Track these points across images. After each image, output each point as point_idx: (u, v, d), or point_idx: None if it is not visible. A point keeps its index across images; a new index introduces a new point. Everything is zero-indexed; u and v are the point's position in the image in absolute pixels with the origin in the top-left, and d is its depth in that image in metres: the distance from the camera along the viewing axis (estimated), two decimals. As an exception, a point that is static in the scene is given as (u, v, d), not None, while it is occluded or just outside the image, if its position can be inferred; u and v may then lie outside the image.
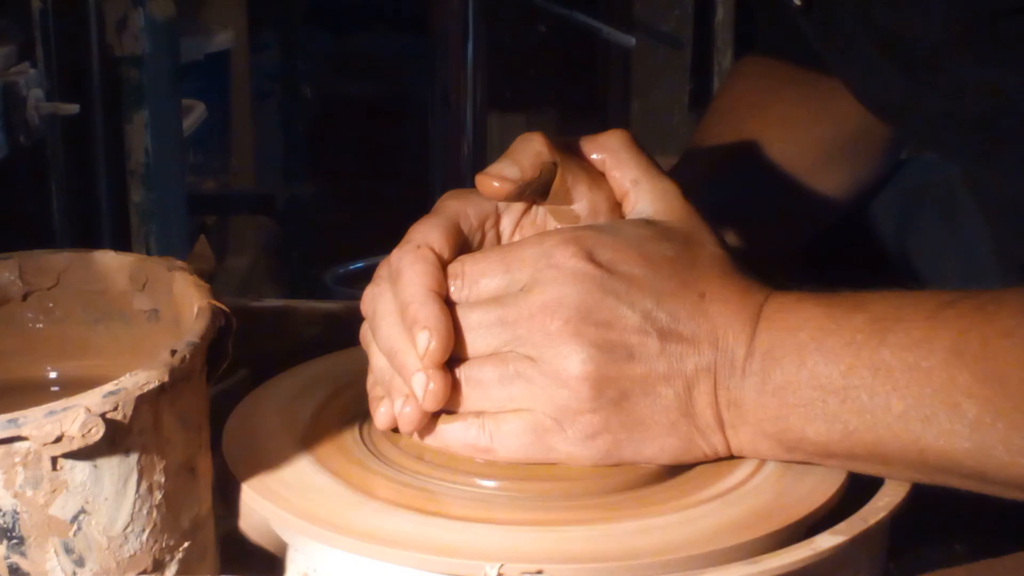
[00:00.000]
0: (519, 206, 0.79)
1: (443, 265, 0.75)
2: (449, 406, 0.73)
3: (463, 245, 0.77)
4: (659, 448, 0.73)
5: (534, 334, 0.71)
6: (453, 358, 0.73)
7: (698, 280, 0.73)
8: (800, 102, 1.07)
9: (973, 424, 0.67)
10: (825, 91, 1.06)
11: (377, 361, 0.76)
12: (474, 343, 0.72)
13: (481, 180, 0.76)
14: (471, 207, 0.77)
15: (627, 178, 0.77)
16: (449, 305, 0.73)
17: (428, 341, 0.71)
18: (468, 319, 0.73)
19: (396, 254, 0.75)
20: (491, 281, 0.73)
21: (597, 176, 0.78)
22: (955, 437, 0.68)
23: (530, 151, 0.76)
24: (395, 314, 0.74)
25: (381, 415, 0.75)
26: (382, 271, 0.76)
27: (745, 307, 0.72)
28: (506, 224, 0.79)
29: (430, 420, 0.74)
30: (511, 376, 0.72)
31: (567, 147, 0.78)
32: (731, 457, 0.74)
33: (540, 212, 0.79)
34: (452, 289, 0.74)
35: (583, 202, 0.78)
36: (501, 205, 0.78)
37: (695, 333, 0.72)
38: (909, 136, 1.08)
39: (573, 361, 0.70)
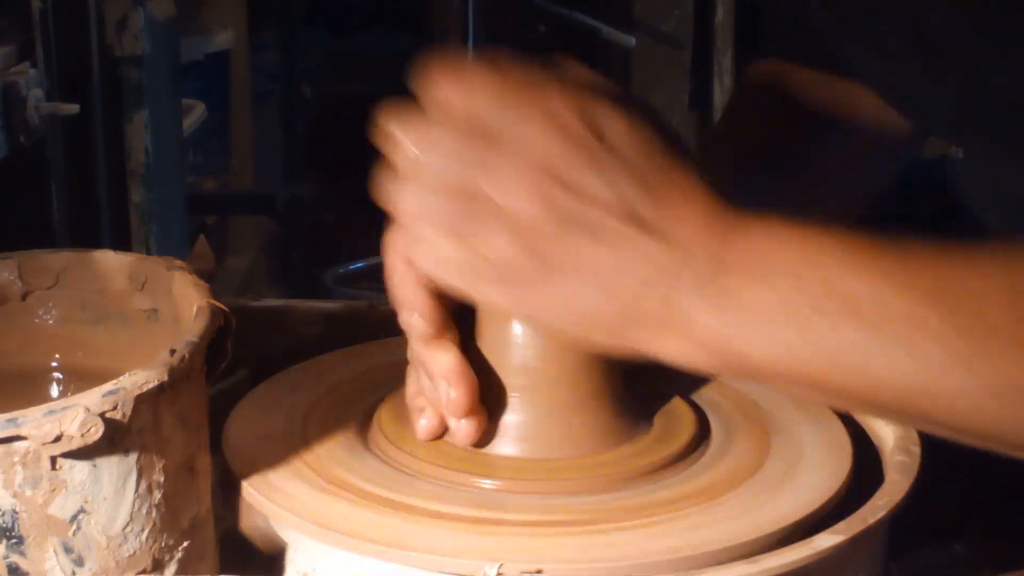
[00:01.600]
0: None
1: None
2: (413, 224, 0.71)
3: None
4: (578, 320, 0.70)
5: (500, 168, 0.68)
6: (425, 176, 0.71)
7: (682, 179, 0.70)
8: (816, 105, 1.07)
9: (937, 368, 0.66)
10: (838, 94, 1.06)
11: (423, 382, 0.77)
12: (434, 160, 0.70)
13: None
14: None
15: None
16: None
17: (408, 317, 0.73)
18: (441, 137, 0.70)
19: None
20: (475, 104, 0.70)
21: None
22: (911, 377, 0.66)
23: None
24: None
25: (423, 427, 0.77)
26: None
27: (720, 219, 0.69)
28: None
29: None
30: (468, 198, 0.69)
31: None
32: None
33: None
34: (427, 93, 0.71)
35: None
36: None
37: (670, 232, 0.68)
38: (931, 129, 1.08)
39: (530, 213, 0.68)
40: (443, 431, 0.76)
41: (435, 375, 0.75)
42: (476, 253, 0.69)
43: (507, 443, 0.75)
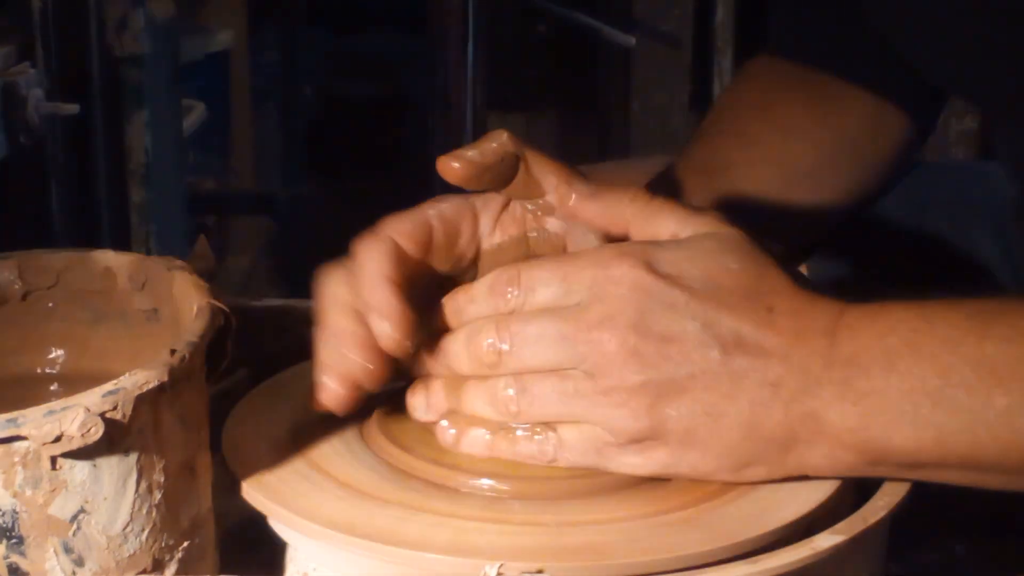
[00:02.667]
0: (496, 204, 0.78)
1: (404, 256, 0.74)
2: (512, 419, 0.72)
3: (429, 241, 0.76)
4: (717, 466, 0.70)
5: (592, 352, 0.69)
6: (512, 368, 0.72)
7: (765, 293, 0.70)
8: (804, 104, 1.07)
9: None
10: (832, 95, 1.06)
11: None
12: (533, 356, 0.71)
13: (442, 162, 0.75)
14: (447, 207, 0.77)
15: (665, 234, 0.74)
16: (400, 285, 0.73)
17: (384, 327, 0.71)
18: (526, 331, 0.71)
19: (357, 242, 0.75)
20: (547, 291, 0.71)
21: (569, 172, 0.77)
22: None
23: (493, 140, 0.76)
24: (345, 301, 0.74)
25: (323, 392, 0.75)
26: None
27: (817, 318, 0.69)
28: (485, 221, 0.78)
29: (496, 432, 0.73)
30: (571, 394, 0.70)
31: (588, 197, 0.76)
32: (804, 478, 0.71)
33: (518, 207, 0.78)
34: (508, 297, 0.72)
35: (553, 194, 0.77)
36: (478, 204, 0.78)
37: (762, 346, 0.69)
38: (978, 101, 1.06)
39: (629, 381, 0.69)
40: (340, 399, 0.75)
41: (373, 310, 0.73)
42: (600, 428, 0.70)
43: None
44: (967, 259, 1.10)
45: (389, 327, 0.71)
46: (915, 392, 0.67)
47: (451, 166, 0.75)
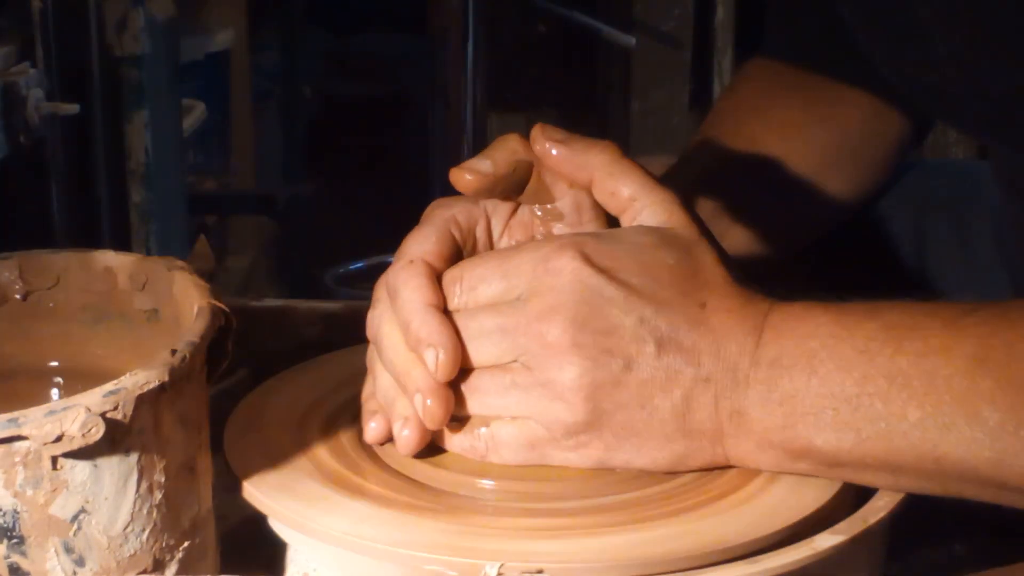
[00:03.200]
0: (506, 208, 0.79)
1: (439, 276, 0.75)
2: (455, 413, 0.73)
3: (456, 253, 0.77)
4: (651, 459, 0.72)
5: (532, 344, 0.71)
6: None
7: (699, 289, 0.72)
8: (803, 106, 1.07)
9: (995, 432, 0.66)
10: (829, 96, 1.06)
11: (382, 380, 0.76)
12: (475, 352, 0.72)
13: (455, 173, 0.76)
14: (460, 213, 0.78)
15: (623, 195, 0.75)
16: (448, 312, 0.73)
17: (436, 356, 0.72)
18: (468, 327, 0.73)
19: (392, 272, 0.75)
20: (489, 287, 0.73)
21: (548, 125, 0.78)
22: (975, 445, 0.67)
23: (505, 149, 0.77)
24: (398, 334, 0.74)
25: (372, 430, 0.76)
26: (380, 292, 0.76)
27: (747, 317, 0.71)
28: (495, 225, 0.79)
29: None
30: (507, 386, 0.72)
31: (558, 143, 0.77)
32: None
33: (527, 212, 0.79)
34: (451, 296, 0.74)
35: (565, 199, 0.78)
36: (488, 208, 0.79)
37: (695, 343, 0.71)
38: (963, 128, 1.07)
39: (568, 373, 0.70)
40: (390, 437, 0.76)
41: (413, 388, 0.74)
42: (534, 423, 0.72)
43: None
44: (966, 259, 1.10)
45: (444, 356, 0.72)
46: (835, 397, 0.69)
47: (464, 178, 0.76)
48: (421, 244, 0.75)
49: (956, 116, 1.02)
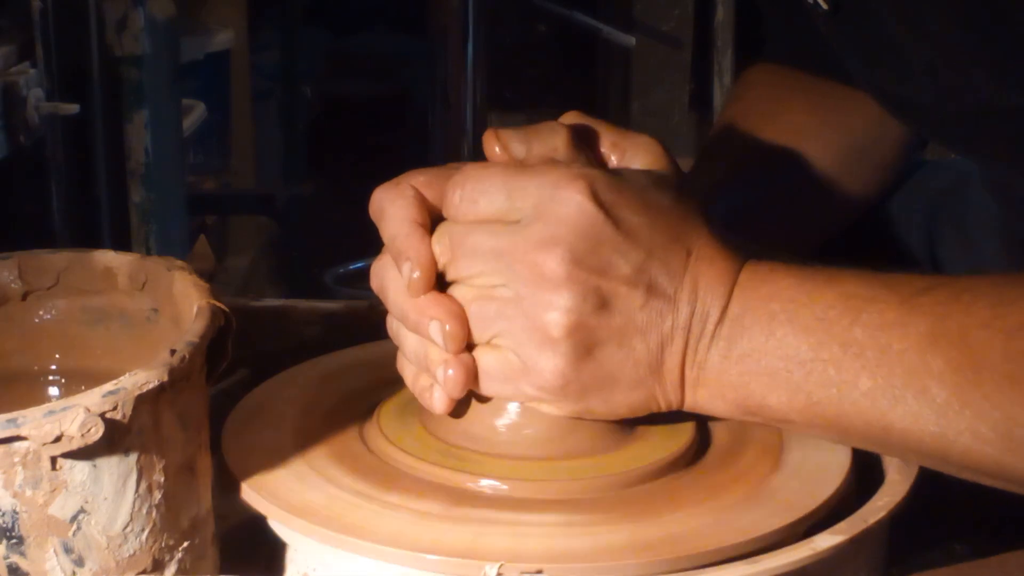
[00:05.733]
0: None
1: (427, 203, 0.74)
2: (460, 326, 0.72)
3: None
4: (623, 401, 0.73)
5: (526, 271, 0.70)
6: (453, 276, 0.72)
7: (688, 235, 0.72)
8: (811, 110, 1.07)
9: (941, 409, 0.68)
10: (837, 99, 1.06)
11: (409, 342, 0.75)
12: (465, 268, 0.72)
13: (488, 136, 0.76)
14: (467, 165, 0.77)
15: (605, 144, 0.77)
16: (444, 217, 0.73)
17: (411, 271, 0.72)
18: (463, 243, 0.72)
19: (378, 192, 0.75)
20: (491, 203, 0.72)
21: (499, 129, 0.78)
22: (921, 420, 0.68)
23: (548, 145, 0.76)
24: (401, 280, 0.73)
25: (438, 400, 0.74)
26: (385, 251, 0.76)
27: (726, 270, 0.72)
28: None
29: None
30: (493, 315, 0.71)
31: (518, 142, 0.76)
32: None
33: None
34: (450, 201, 0.73)
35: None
36: None
37: (678, 291, 0.72)
38: (939, 140, 1.08)
39: (556, 309, 0.70)
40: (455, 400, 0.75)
41: (424, 320, 0.73)
42: (513, 354, 0.72)
43: (507, 444, 0.75)
44: (971, 257, 1.10)
45: (419, 273, 0.72)
46: (789, 359, 0.71)
47: (493, 147, 0.76)
48: (414, 173, 0.75)
49: (932, 129, 1.03)
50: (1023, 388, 0.67)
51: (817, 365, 0.70)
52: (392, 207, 0.73)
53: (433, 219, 0.74)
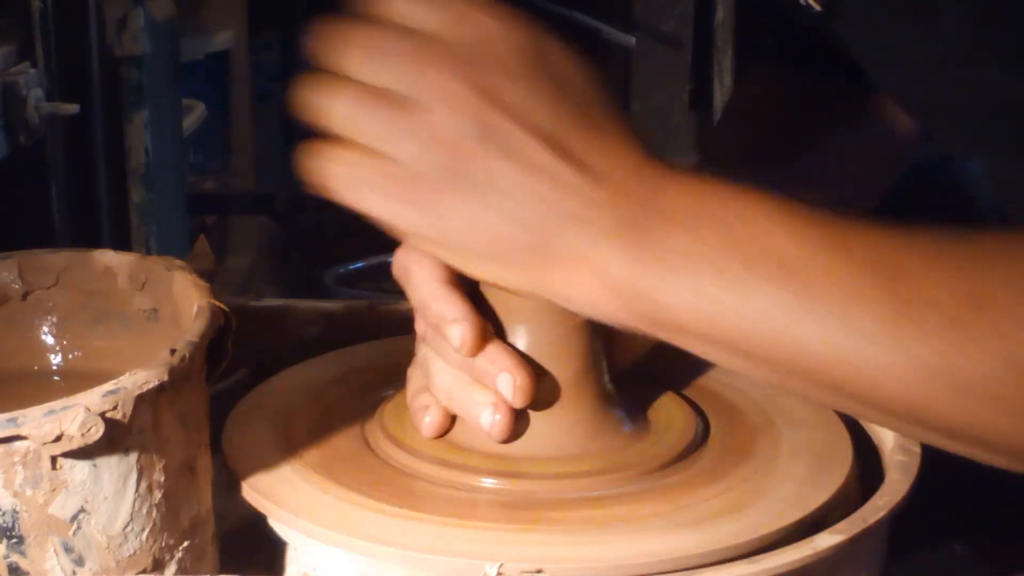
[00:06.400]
0: None
1: None
2: (327, 123, 0.67)
3: None
4: (480, 238, 0.66)
5: (430, 76, 0.65)
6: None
7: (617, 124, 0.68)
8: (811, 113, 1.07)
9: (868, 339, 0.63)
10: (838, 99, 1.06)
11: (442, 378, 0.75)
12: (374, 69, 0.66)
13: None
14: None
15: None
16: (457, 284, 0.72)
17: (461, 333, 0.71)
18: (384, 38, 0.66)
19: (400, 255, 0.74)
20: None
21: None
22: (841, 350, 0.64)
23: None
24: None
25: (428, 424, 0.75)
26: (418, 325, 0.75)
27: (650, 165, 0.67)
28: None
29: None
30: (384, 121, 0.66)
31: None
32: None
33: None
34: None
35: None
36: None
37: (596, 165, 0.66)
38: (942, 133, 1.08)
39: (452, 119, 0.65)
40: (449, 427, 0.75)
41: (493, 371, 0.72)
42: (389, 163, 0.66)
43: (508, 443, 0.75)
44: None
45: (469, 330, 0.71)
46: (707, 265, 0.65)
47: None
48: None
49: (938, 127, 1.02)
50: (966, 331, 0.63)
51: (733, 267, 0.64)
52: (417, 267, 0.72)
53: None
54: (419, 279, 0.72)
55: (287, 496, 0.71)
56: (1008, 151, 0.94)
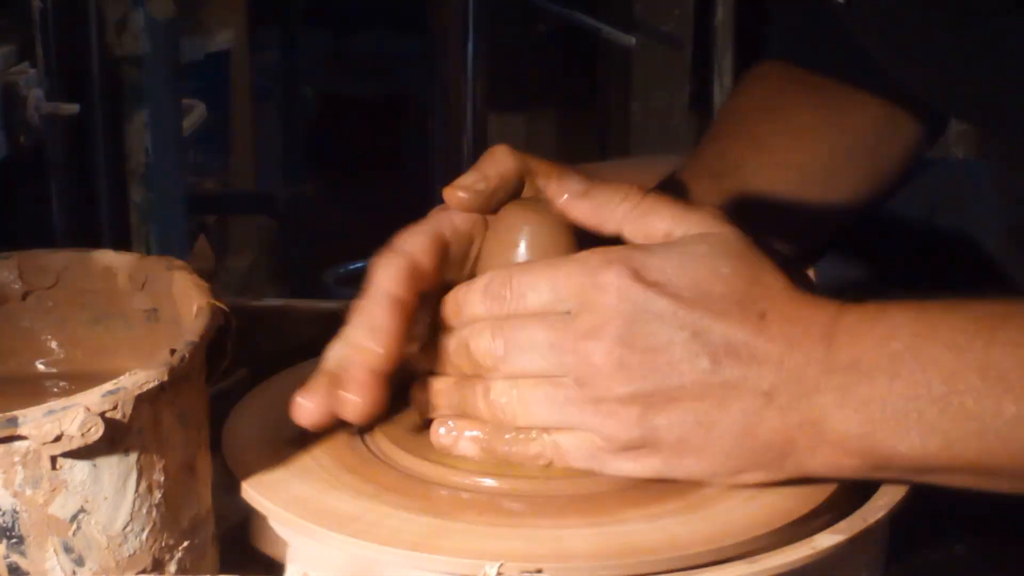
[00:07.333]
0: None
1: (423, 271, 0.75)
2: (508, 423, 0.73)
3: (445, 252, 0.76)
4: (712, 472, 0.70)
5: (580, 363, 0.69)
6: (506, 372, 0.72)
7: (758, 299, 0.69)
8: (813, 109, 1.07)
9: None
10: (840, 98, 1.06)
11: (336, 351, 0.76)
12: (526, 363, 0.71)
13: (448, 193, 0.77)
14: (461, 220, 0.77)
15: (658, 233, 0.73)
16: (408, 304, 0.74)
17: (370, 344, 0.73)
18: (518, 337, 0.71)
19: (376, 258, 0.75)
20: (539, 296, 0.71)
21: (562, 171, 0.77)
22: None
23: (495, 162, 0.76)
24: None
25: (299, 405, 0.75)
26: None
27: (813, 324, 0.69)
28: None
29: (493, 434, 0.73)
30: (562, 402, 0.70)
31: (579, 196, 0.75)
32: (805, 481, 0.71)
33: None
34: (501, 300, 0.72)
35: (546, 194, 0.77)
36: (491, 219, 0.78)
37: (754, 355, 0.68)
38: (963, 116, 1.07)
39: (616, 393, 0.69)
40: (325, 405, 0.75)
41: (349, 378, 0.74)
42: (600, 440, 0.71)
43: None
44: (977, 258, 1.10)
45: (375, 345, 0.72)
46: (920, 398, 0.66)
47: (457, 196, 0.76)
48: (409, 237, 0.75)
49: (964, 112, 1.01)
50: None
51: (953, 399, 0.65)
52: (380, 273, 0.74)
53: (429, 286, 0.75)
54: (376, 283, 0.74)
55: (287, 496, 0.71)
56: (1014, 127, 0.93)
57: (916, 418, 0.66)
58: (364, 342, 0.73)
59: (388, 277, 0.74)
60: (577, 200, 0.75)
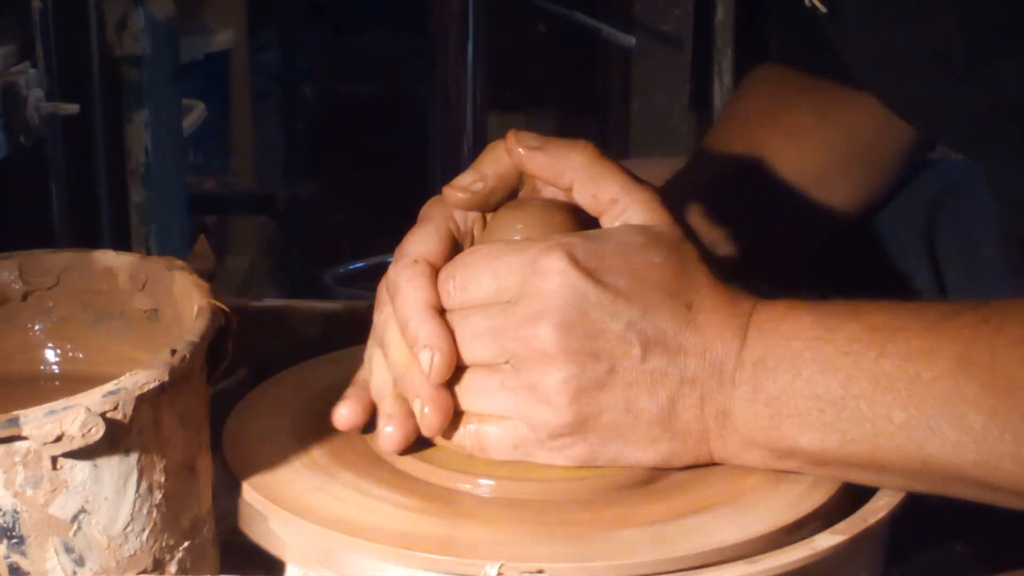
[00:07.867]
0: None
1: (436, 276, 0.75)
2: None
3: (456, 251, 0.77)
4: (636, 459, 0.73)
5: (520, 348, 0.71)
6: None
7: (685, 290, 0.72)
8: (812, 111, 1.07)
9: (980, 435, 0.67)
10: (839, 100, 1.06)
11: (378, 376, 0.77)
12: (468, 352, 0.73)
13: (447, 192, 0.78)
14: (458, 212, 0.78)
15: (604, 196, 0.75)
16: (444, 311, 0.74)
17: (431, 358, 0.72)
18: (462, 328, 0.73)
19: (393, 270, 0.76)
20: (480, 287, 0.73)
21: (524, 131, 0.78)
22: (960, 448, 0.67)
23: (493, 160, 0.78)
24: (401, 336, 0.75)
25: (341, 416, 0.77)
26: (383, 295, 0.77)
27: (733, 316, 0.72)
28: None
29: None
30: (496, 388, 0.72)
31: (534, 149, 0.77)
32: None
33: None
34: (445, 295, 0.74)
35: (559, 199, 0.78)
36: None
37: (681, 345, 0.71)
38: (941, 138, 1.08)
39: (553, 378, 0.71)
40: (363, 420, 0.77)
41: (413, 393, 0.75)
42: (527, 429, 0.72)
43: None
44: (971, 258, 1.10)
45: (439, 359, 0.73)
46: (820, 399, 0.70)
47: (457, 197, 0.77)
48: (423, 243, 0.76)
49: (938, 129, 1.02)
50: None
51: (848, 402, 0.69)
52: (408, 287, 0.75)
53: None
54: (408, 297, 0.74)
55: (287, 496, 0.71)
56: (1006, 154, 0.94)
57: (817, 416, 0.70)
58: (427, 359, 0.73)
59: (420, 288, 0.74)
60: (533, 151, 0.76)
